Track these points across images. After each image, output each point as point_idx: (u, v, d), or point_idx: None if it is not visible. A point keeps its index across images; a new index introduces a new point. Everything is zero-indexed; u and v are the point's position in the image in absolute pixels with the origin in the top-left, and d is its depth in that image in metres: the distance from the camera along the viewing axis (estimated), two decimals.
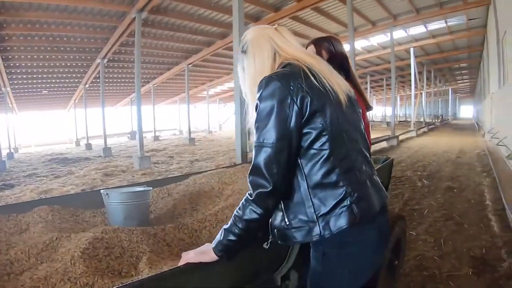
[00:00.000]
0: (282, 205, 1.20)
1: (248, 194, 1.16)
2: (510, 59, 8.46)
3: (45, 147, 20.70)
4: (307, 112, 1.12)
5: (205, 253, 1.20)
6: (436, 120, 31.12)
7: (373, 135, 11.37)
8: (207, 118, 26.48)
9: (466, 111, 60.29)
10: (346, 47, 15.52)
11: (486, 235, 3.75)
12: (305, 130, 1.14)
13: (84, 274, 1.33)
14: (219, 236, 1.18)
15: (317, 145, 1.14)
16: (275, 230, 1.24)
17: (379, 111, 42.01)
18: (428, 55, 20.85)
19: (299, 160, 1.16)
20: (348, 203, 1.13)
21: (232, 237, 1.16)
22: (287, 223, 1.19)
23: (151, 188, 2.27)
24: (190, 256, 1.21)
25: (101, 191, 2.12)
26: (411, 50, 17.17)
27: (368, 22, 13.44)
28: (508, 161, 5.80)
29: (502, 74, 9.89)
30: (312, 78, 1.17)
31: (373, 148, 9.91)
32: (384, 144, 12.38)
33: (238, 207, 1.18)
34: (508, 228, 3.79)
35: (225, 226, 1.19)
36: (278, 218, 1.23)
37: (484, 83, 18.91)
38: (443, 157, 9.80)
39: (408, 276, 2.87)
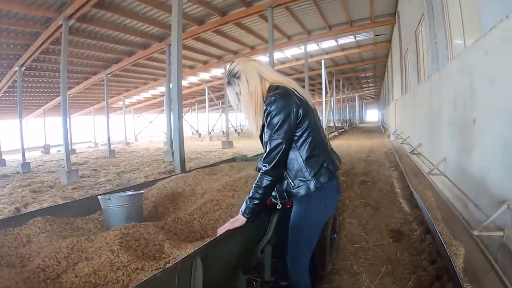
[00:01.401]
0: (287, 174, 1.93)
1: (263, 170, 1.85)
2: (410, 72, 9.88)
3: None
4: (300, 117, 1.87)
5: (237, 220, 1.84)
6: (345, 125, 33.32)
7: None
8: (124, 129, 25.68)
9: (372, 115, 65.62)
10: (265, 59, 16.53)
11: (399, 214, 4.69)
12: (298, 127, 1.88)
13: (131, 261, 1.61)
14: (245, 204, 1.84)
15: (304, 135, 1.90)
16: (284, 192, 1.97)
17: None
18: (337, 65, 22.60)
19: (294, 144, 1.90)
20: (326, 165, 1.95)
21: (255, 201, 1.85)
22: (292, 185, 1.92)
23: (143, 191, 2.64)
24: (226, 226, 1.84)
25: (99, 196, 2.35)
26: (322, 61, 18.62)
27: (285, 36, 14.38)
28: (411, 156, 6.90)
29: (404, 83, 11.39)
30: (297, 94, 1.90)
31: None
32: None
33: (256, 180, 1.88)
34: (416, 208, 4.75)
35: (248, 196, 1.88)
36: (284, 183, 1.95)
37: (389, 91, 21.16)
38: (355, 156, 10.98)
39: (343, 249, 3.63)
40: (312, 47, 16.26)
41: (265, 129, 1.89)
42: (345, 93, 34.35)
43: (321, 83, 19.77)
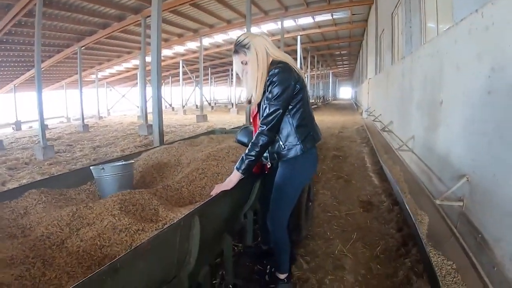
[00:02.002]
0: (279, 138, 2.21)
1: (260, 130, 2.13)
2: (384, 52, 10.13)
3: None
4: (296, 90, 2.16)
5: (232, 179, 2.12)
6: (319, 101, 33.88)
7: None
8: (97, 103, 24.91)
9: (345, 92, 66.33)
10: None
11: (370, 187, 5.02)
12: (293, 98, 2.17)
13: (132, 224, 1.74)
14: (241, 161, 2.13)
15: (297, 106, 2.19)
16: (275, 153, 2.25)
17: None
18: (313, 42, 22.65)
19: (288, 113, 2.18)
20: (311, 134, 2.27)
21: (251, 158, 2.12)
22: (283, 147, 2.21)
23: (133, 161, 2.76)
24: (223, 185, 2.10)
25: (92, 167, 2.43)
26: (298, 37, 18.64)
27: (262, 11, 14.34)
28: (382, 133, 7.24)
29: (378, 63, 11.65)
30: (296, 71, 2.18)
31: None
32: None
33: (253, 139, 2.15)
34: (385, 181, 5.09)
35: (244, 153, 2.14)
36: (276, 145, 2.23)
37: (363, 69, 21.50)
38: (328, 132, 11.34)
39: (317, 217, 3.94)
40: (288, 23, 16.27)
41: (265, 96, 2.15)
42: (319, 70, 34.66)
43: (296, 59, 19.84)
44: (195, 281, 1.89)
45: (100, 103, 25.77)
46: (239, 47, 2.19)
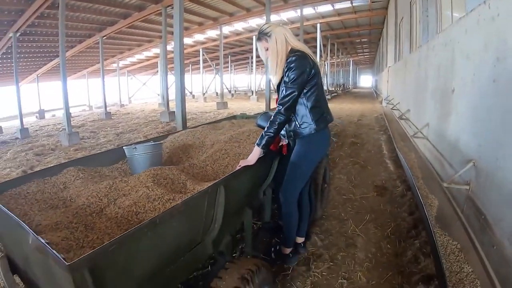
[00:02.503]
0: (295, 118, 2.46)
1: (278, 110, 2.36)
2: (403, 40, 10.09)
3: None
4: (311, 74, 2.37)
5: (254, 154, 2.36)
6: (339, 89, 33.58)
7: None
8: (118, 91, 25.49)
9: (366, 80, 65.33)
10: (261, 21, 16.44)
11: (385, 173, 5.16)
12: (308, 83, 2.38)
13: (165, 193, 1.94)
14: (261, 138, 2.37)
15: (312, 89, 2.41)
16: (291, 131, 2.52)
17: None
18: (333, 30, 22.46)
19: (304, 95, 2.41)
20: (324, 115, 2.51)
21: (270, 134, 2.36)
22: (298, 125, 2.46)
23: (162, 141, 3.03)
24: (246, 161, 2.34)
25: (124, 147, 2.69)
26: (318, 25, 18.58)
27: None
28: (399, 121, 7.33)
29: (398, 51, 11.60)
30: (312, 58, 2.41)
31: None
32: None
33: (271, 118, 2.37)
34: (400, 168, 5.22)
35: (264, 131, 2.38)
36: (292, 124, 2.49)
37: (383, 57, 21.28)
38: (346, 120, 11.40)
39: (332, 200, 4.13)
40: (308, 10, 16.22)
41: (283, 79, 2.37)
42: (339, 58, 34.31)
43: (315, 47, 19.71)
44: (218, 249, 2.12)
45: (122, 91, 26.29)
46: (262, 34, 2.42)
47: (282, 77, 2.40)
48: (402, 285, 2.52)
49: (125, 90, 29.41)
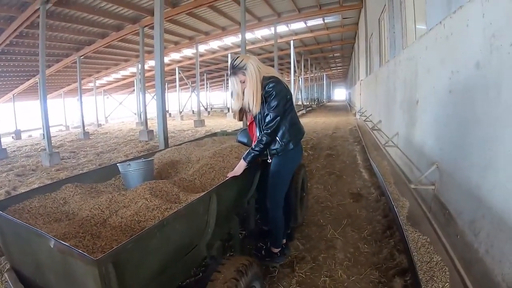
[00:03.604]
0: (278, 137, 2.72)
1: (265, 131, 2.64)
2: (373, 55, 10.60)
3: None
4: (287, 98, 2.67)
5: (240, 167, 2.64)
6: (313, 103, 34.15)
7: None
8: (95, 111, 25.15)
9: (340, 94, 66.55)
10: (236, 40, 16.80)
11: (360, 181, 5.46)
12: (286, 105, 2.66)
13: (162, 204, 2.12)
14: (248, 153, 2.65)
15: (288, 111, 2.72)
16: (274, 150, 2.76)
17: None
18: (306, 46, 23.11)
19: (283, 118, 2.68)
20: (301, 132, 2.87)
21: (256, 152, 2.65)
22: (281, 144, 2.73)
23: (153, 158, 3.21)
24: (233, 172, 2.61)
25: (118, 164, 2.84)
26: (291, 42, 19.17)
27: (255, 18, 14.80)
28: (372, 132, 7.71)
29: (369, 65, 12.12)
30: (284, 83, 2.68)
31: None
32: None
33: (259, 138, 2.68)
34: (374, 176, 5.52)
35: (251, 148, 2.69)
36: (276, 144, 2.75)
37: (355, 71, 22.01)
38: (321, 133, 11.75)
39: (311, 208, 4.38)
40: (281, 28, 16.71)
41: (266, 105, 2.65)
42: (313, 72, 34.98)
43: (289, 63, 20.24)
44: (211, 253, 2.32)
45: (98, 110, 26.04)
46: (237, 69, 2.62)
47: (262, 103, 2.66)
48: (380, 279, 2.76)
49: (101, 109, 29.15)
